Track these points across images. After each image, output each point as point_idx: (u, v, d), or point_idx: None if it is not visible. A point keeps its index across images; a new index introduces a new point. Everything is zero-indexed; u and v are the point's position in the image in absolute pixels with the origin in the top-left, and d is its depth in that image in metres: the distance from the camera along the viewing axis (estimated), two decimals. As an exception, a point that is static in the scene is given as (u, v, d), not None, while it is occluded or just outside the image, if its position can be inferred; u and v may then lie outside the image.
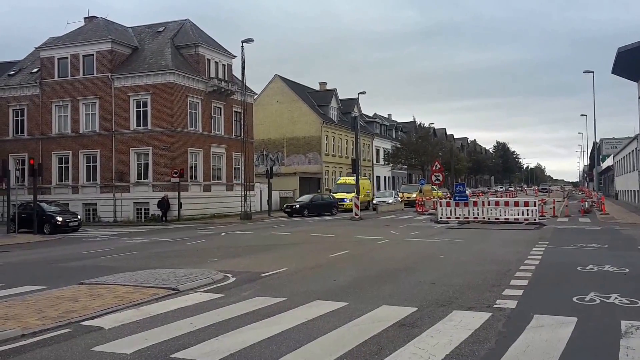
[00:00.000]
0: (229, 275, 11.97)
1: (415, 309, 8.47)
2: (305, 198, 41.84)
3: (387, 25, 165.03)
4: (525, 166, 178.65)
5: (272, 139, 57.95)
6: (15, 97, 40.29)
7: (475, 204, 28.57)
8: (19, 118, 40.26)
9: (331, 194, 44.54)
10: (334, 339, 7.00)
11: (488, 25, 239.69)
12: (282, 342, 6.82)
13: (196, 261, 15.01)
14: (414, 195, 49.43)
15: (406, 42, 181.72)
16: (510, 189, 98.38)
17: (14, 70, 42.04)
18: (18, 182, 33.29)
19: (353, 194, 38.39)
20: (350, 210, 36.88)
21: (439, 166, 32.33)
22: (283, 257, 15.67)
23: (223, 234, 25.45)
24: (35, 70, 40.61)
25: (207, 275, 11.66)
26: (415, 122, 77.14)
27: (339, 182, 47.15)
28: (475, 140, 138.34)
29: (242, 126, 41.06)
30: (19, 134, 40.12)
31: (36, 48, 41.37)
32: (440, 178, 31.72)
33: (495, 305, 8.65)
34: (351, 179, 44.16)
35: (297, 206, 39.86)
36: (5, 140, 40.12)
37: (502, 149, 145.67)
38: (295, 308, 8.72)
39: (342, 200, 42.79)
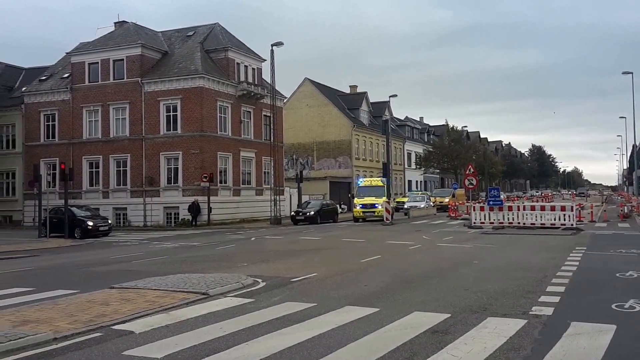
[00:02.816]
0: (259, 280, 11.91)
1: (449, 315, 8.29)
2: (315, 204, 38.49)
3: (417, 27, 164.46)
4: (561, 170, 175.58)
5: (302, 143, 57.97)
6: (47, 102, 41.04)
7: (510, 208, 28.04)
8: (50, 123, 41.00)
9: (354, 198, 38.86)
10: (365, 345, 6.88)
11: (520, 26, 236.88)
12: (313, 348, 6.72)
13: (226, 266, 15.01)
14: (447, 199, 48.89)
15: (437, 44, 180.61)
16: (546, 191, 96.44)
17: (45, 76, 42.82)
18: (49, 187, 34.02)
19: (384, 198, 35.88)
20: (379, 219, 34.38)
21: (472, 170, 31.90)
22: (313, 262, 15.57)
23: (253, 238, 25.48)
24: (66, 75, 41.32)
25: (237, 280, 11.61)
26: (447, 125, 76.13)
27: (362, 184, 39.67)
28: (509, 143, 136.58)
29: (272, 130, 41.17)
30: (50, 139, 40.84)
31: (67, 53, 42.13)
32: (474, 182, 31.28)
33: (531, 312, 8.42)
34: (377, 180, 39.78)
35: (312, 213, 36.67)
36: (37, 145, 40.91)
37: (537, 152, 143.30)
38: (325, 314, 8.60)
39: (373, 205, 36.41)
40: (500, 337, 7.05)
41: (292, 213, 37.91)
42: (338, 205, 51.94)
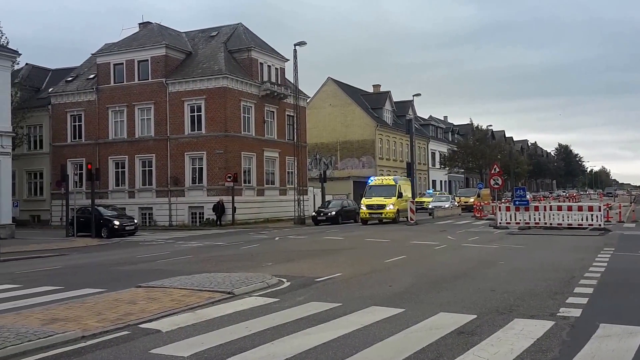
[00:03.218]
0: (284, 280, 11.94)
1: (475, 316, 8.22)
2: (336, 204, 37.84)
3: (441, 25, 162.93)
4: (589, 169, 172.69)
5: (325, 142, 57.99)
6: (73, 102, 41.64)
7: (536, 208, 27.65)
8: (77, 123, 41.59)
9: (364, 198, 35.66)
10: (391, 345, 6.85)
11: (546, 23, 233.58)
12: (338, 348, 6.72)
13: (251, 265, 15.07)
14: (472, 199, 48.49)
15: (462, 42, 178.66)
16: (571, 191, 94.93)
17: (71, 77, 43.45)
18: (76, 187, 34.49)
19: (394, 198, 34.02)
20: (391, 220, 33.51)
21: (497, 169, 31.51)
22: (337, 262, 15.56)
23: (277, 238, 25.56)
24: (92, 76, 41.87)
25: (262, 279, 11.66)
26: (472, 124, 75.59)
27: (373, 183, 36.59)
28: (535, 142, 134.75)
29: (295, 130, 41.24)
30: (77, 139, 41.44)
31: (92, 54, 42.71)
32: (500, 182, 30.93)
33: (558, 314, 8.31)
34: (389, 179, 37.02)
35: (333, 213, 36.02)
36: (64, 145, 41.55)
37: (564, 151, 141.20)
38: (350, 314, 8.59)
39: (380, 206, 33.97)
40: (528, 338, 6.97)
41: (313, 213, 37.72)
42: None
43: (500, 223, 27.69)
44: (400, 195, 34.69)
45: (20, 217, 38.27)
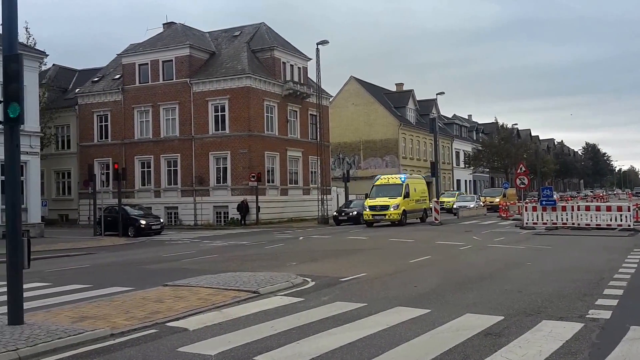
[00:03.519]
0: (308, 280, 11.96)
1: (502, 317, 8.14)
2: (358, 204, 36.50)
3: (465, 22, 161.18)
4: (617, 169, 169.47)
5: (348, 142, 57.91)
6: (99, 103, 42.13)
7: (563, 208, 27.24)
8: (103, 123, 42.09)
9: (368, 198, 33.66)
10: (417, 346, 6.83)
11: (573, 20, 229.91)
12: (364, 348, 6.72)
13: (275, 265, 15.13)
14: (497, 199, 48.01)
15: (485, 39, 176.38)
16: (597, 191, 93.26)
17: (97, 77, 43.96)
18: (103, 186, 35.02)
19: (399, 199, 31.78)
20: (395, 223, 31.43)
21: (523, 169, 31.11)
22: (362, 262, 15.55)
23: (301, 238, 25.62)
24: (117, 76, 42.33)
25: (287, 279, 11.71)
26: (497, 122, 74.63)
27: (378, 182, 34.38)
28: (562, 141, 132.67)
29: (318, 129, 41.25)
30: (103, 139, 41.95)
31: (118, 55, 43.20)
32: (526, 181, 30.53)
33: (587, 316, 8.19)
34: (395, 178, 34.53)
35: (355, 213, 34.95)
36: (91, 145, 42.11)
37: (591, 150, 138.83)
38: (375, 314, 8.58)
39: (384, 207, 31.53)
40: (556, 340, 6.89)
41: (335, 213, 37.51)
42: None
43: (526, 223, 27.37)
44: (407, 195, 32.56)
45: (49, 216, 38.90)
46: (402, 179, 33.75)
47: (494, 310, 8.63)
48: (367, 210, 32.26)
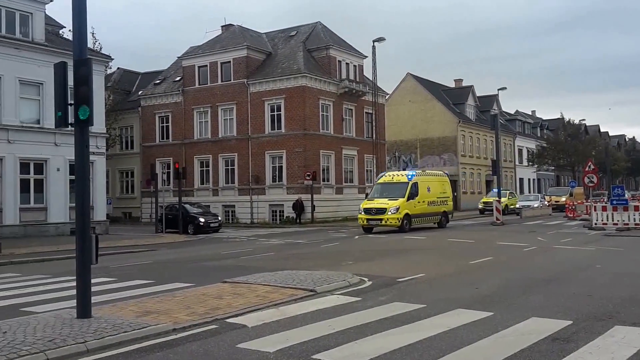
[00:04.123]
0: (365, 279, 11.87)
1: (570, 322, 7.83)
2: None
3: (528, 15, 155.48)
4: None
5: (404, 140, 57.29)
6: (161, 104, 43.31)
7: (636, 208, 26.04)
8: (164, 124, 43.24)
9: (367, 198, 29.44)
10: (479, 350, 6.64)
11: None
12: (424, 350, 6.60)
13: (331, 263, 15.10)
14: (564, 198, 46.53)
15: (550, 31, 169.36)
16: None
17: (159, 80, 45.24)
18: (164, 185, 35.90)
19: (401, 200, 27.15)
20: (397, 229, 27.03)
21: (592, 167, 29.96)
22: (420, 262, 15.34)
23: (356, 237, 25.52)
24: (178, 78, 43.40)
25: (344, 278, 11.66)
26: (563, 118, 71.99)
27: (381, 180, 29.87)
28: (634, 137, 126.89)
29: (374, 127, 41.03)
30: (165, 140, 43.08)
31: (178, 57, 44.25)
32: (595, 180, 29.40)
33: (664, 322, 7.78)
34: (400, 176, 29.47)
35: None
36: (152, 145, 43.32)
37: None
38: (435, 316, 8.41)
39: (380, 211, 26.85)
40: (630, 347, 6.57)
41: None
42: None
43: (595, 224, 26.33)
44: (413, 196, 27.82)
45: (113, 214, 40.23)
46: (409, 177, 28.71)
47: (561, 315, 8.32)
48: (362, 213, 27.56)
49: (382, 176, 30.67)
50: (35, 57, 27.49)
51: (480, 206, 45.46)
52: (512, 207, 43.70)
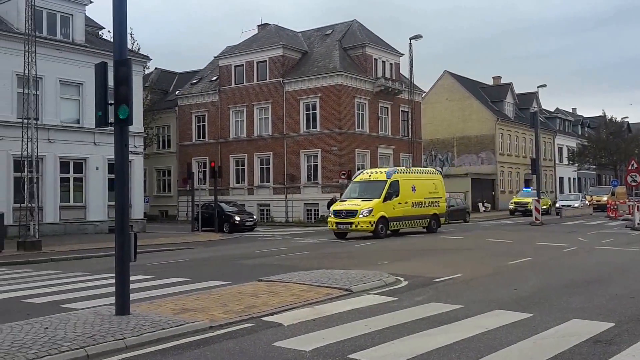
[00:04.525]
0: (401, 279, 11.78)
1: (612, 324, 7.61)
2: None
3: (571, 9, 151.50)
4: None
5: (441, 138, 56.71)
6: (198, 104, 43.80)
7: None
8: (201, 124, 43.71)
9: (340, 199, 26.88)
10: (518, 352, 6.52)
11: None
12: (462, 351, 6.50)
13: (366, 263, 15.03)
14: (605, 198, 45.43)
15: (594, 26, 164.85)
16: None
17: (195, 79, 45.78)
18: (200, 184, 36.33)
19: (376, 201, 24.06)
20: (370, 234, 23.87)
21: (635, 165, 29.15)
22: (456, 262, 15.14)
23: (391, 236, 25.35)
24: (214, 78, 43.79)
25: (379, 277, 11.59)
26: (605, 116, 70.32)
27: (357, 179, 26.74)
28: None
29: (410, 126, 40.70)
30: (201, 139, 43.55)
31: (215, 57, 44.65)
32: (638, 179, 28.62)
33: None
34: (380, 173, 26.05)
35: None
36: (189, 144, 43.87)
37: None
38: (473, 317, 8.29)
39: (350, 213, 23.92)
40: (676, 351, 6.35)
41: None
42: (480, 204, 50.21)
43: (638, 224, 25.65)
44: (391, 197, 24.74)
45: (150, 212, 40.93)
46: (388, 174, 25.45)
47: (603, 317, 8.11)
48: (332, 216, 25.10)
49: (358, 174, 27.61)
50: (75, 57, 28.12)
51: (511, 206, 44.26)
52: (544, 207, 39.79)
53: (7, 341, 6.87)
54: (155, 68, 49.79)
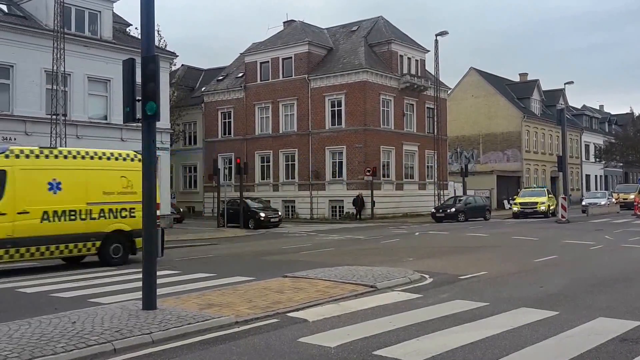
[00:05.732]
0: (426, 276, 11.75)
1: (639, 323, 7.52)
2: (460, 201, 35.86)
3: (601, 4, 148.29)
4: None
5: (466, 135, 56.28)
6: (223, 100, 44.11)
7: None
8: (227, 120, 44.00)
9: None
10: (544, 350, 6.49)
11: None
12: (487, 349, 6.49)
13: (391, 260, 15.01)
14: (632, 196, 44.63)
15: (623, 22, 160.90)
16: None
17: (221, 76, 46.05)
18: (226, 180, 36.57)
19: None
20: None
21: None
22: (482, 259, 15.04)
23: (417, 233, 25.29)
24: (240, 75, 44.03)
25: (404, 274, 11.58)
26: (632, 113, 69.24)
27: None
28: None
29: (435, 123, 40.47)
30: (227, 135, 43.86)
31: (241, 54, 44.93)
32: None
33: None
34: None
35: (453, 210, 34.33)
36: (215, 141, 44.21)
37: None
38: (498, 314, 8.25)
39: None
40: None
41: (432, 210, 36.26)
42: (506, 201, 49.67)
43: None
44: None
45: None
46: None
47: (630, 315, 8.01)
48: None
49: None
50: (103, 54, 28.47)
51: (515, 209, 37.67)
52: (553, 208, 36.06)
53: (35, 335, 7.02)
54: (182, 65, 50.17)
